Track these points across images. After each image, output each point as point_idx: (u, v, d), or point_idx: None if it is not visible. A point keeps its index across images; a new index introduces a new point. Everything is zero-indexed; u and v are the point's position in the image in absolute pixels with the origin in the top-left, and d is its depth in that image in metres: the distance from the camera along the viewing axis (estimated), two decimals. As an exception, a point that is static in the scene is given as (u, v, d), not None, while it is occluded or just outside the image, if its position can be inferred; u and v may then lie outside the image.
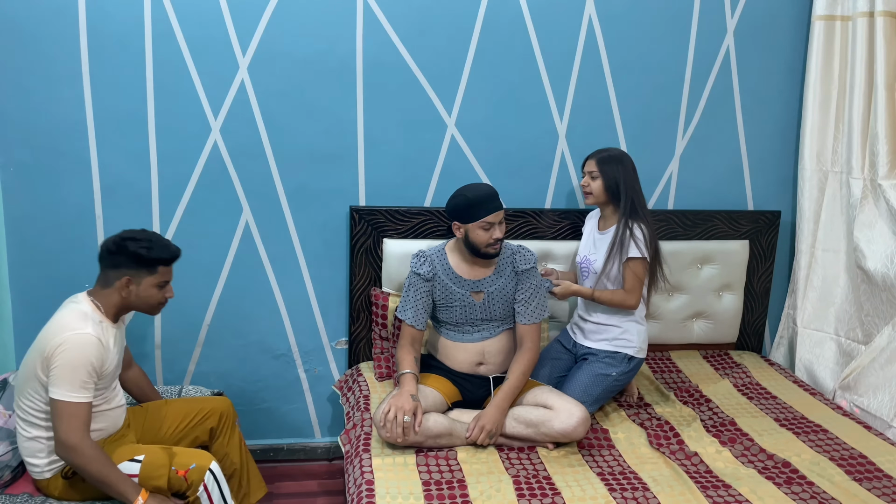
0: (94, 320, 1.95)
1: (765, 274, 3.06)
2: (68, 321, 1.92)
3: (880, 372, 2.63)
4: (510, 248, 2.42)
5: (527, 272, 2.38)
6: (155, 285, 2.04)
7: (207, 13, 2.53)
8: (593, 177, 2.49)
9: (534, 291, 2.38)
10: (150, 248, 2.00)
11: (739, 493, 2.00)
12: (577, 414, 2.18)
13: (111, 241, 2.01)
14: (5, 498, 1.98)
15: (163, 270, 2.05)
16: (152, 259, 2.00)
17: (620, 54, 2.81)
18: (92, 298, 2.01)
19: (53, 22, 2.45)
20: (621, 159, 2.48)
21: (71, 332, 1.89)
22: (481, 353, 2.41)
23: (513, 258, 2.40)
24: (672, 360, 2.96)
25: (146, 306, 2.07)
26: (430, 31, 2.67)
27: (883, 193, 2.70)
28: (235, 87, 2.60)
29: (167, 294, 2.08)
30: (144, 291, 2.02)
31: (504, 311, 2.41)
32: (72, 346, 1.87)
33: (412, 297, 2.39)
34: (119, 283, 1.99)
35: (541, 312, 2.39)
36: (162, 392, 2.63)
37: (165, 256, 2.03)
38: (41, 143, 2.53)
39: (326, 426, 2.98)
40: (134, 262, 1.99)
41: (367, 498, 1.93)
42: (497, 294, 2.38)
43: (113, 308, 2.02)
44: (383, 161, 2.75)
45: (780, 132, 3.01)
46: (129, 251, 1.98)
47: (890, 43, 2.68)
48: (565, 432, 2.18)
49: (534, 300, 2.38)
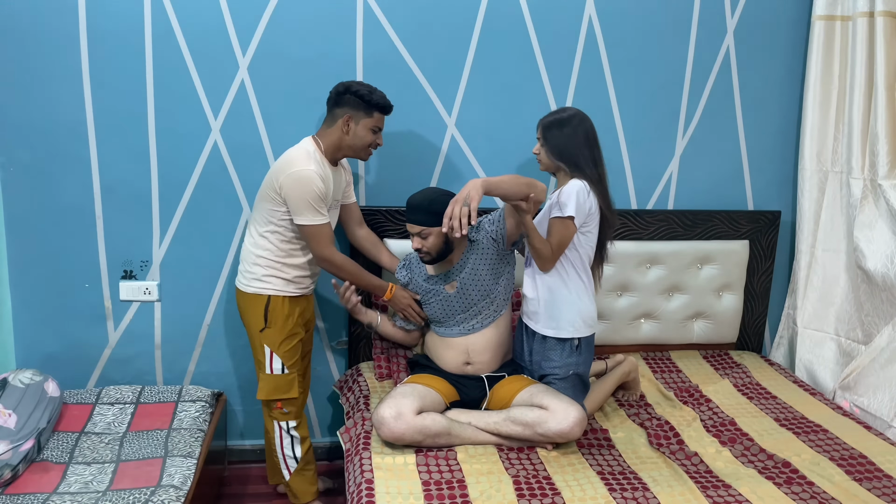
0: (315, 158, 2.27)
1: (765, 274, 3.06)
2: (295, 157, 2.27)
3: (880, 372, 2.63)
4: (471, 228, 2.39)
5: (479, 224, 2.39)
6: (369, 128, 2.33)
7: (207, 13, 2.53)
8: (542, 144, 2.33)
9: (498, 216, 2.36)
10: (371, 92, 2.31)
11: (739, 493, 2.00)
12: (573, 414, 2.17)
13: (340, 84, 2.33)
14: (6, 498, 1.98)
15: (378, 117, 2.34)
16: (373, 103, 2.30)
17: (620, 54, 2.81)
18: (315, 137, 2.35)
19: (53, 22, 2.45)
20: (566, 122, 2.28)
21: (296, 168, 2.23)
22: (466, 352, 2.41)
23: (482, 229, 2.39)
24: (672, 360, 2.96)
25: (359, 146, 2.34)
26: (430, 31, 2.67)
27: (883, 193, 2.70)
28: (235, 87, 2.60)
29: (378, 140, 2.37)
30: (360, 131, 2.32)
31: (481, 294, 2.38)
32: (299, 182, 2.22)
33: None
34: (341, 121, 2.30)
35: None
36: (162, 392, 2.64)
37: (382, 104, 2.33)
38: (41, 143, 2.53)
39: (326, 426, 2.98)
40: (356, 102, 2.29)
41: (367, 497, 1.93)
42: (469, 277, 2.37)
43: (332, 147, 2.33)
44: (383, 161, 2.75)
45: (780, 132, 3.01)
46: (353, 91, 2.29)
47: (890, 43, 2.68)
48: (562, 433, 2.16)
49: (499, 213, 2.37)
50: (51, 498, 1.99)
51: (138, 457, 2.22)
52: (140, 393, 2.63)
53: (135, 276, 2.70)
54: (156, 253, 2.69)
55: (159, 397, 2.61)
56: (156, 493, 2.01)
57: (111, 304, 2.70)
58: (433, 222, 2.27)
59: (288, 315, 2.37)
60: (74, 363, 2.72)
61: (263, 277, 2.35)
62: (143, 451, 2.26)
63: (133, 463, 2.19)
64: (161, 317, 2.74)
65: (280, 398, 2.37)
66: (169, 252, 2.69)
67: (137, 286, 2.69)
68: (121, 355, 2.75)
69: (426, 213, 2.27)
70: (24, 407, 2.22)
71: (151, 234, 2.67)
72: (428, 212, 2.27)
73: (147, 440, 2.31)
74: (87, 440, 2.32)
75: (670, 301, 2.97)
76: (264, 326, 2.35)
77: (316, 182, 2.22)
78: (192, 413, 2.50)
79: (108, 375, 2.76)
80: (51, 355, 2.68)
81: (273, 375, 2.36)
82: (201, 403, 2.57)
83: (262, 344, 2.36)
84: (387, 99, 2.35)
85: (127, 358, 2.76)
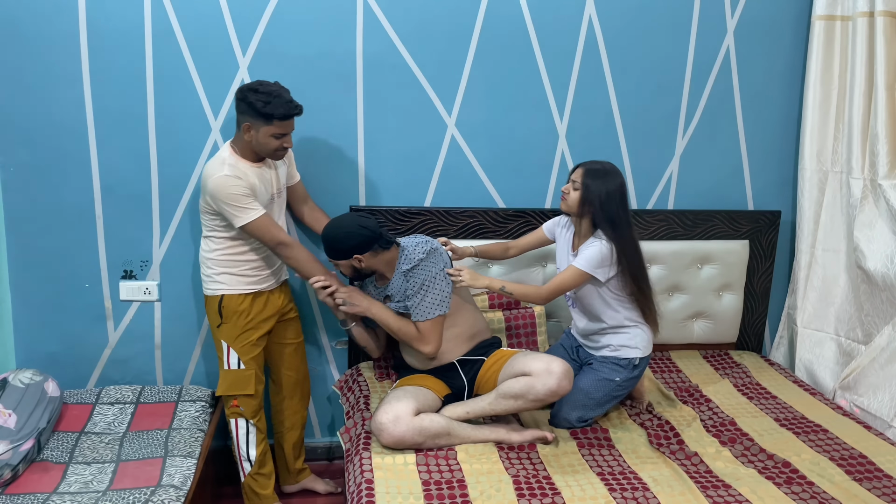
0: (230, 163, 2.26)
1: (765, 274, 3.06)
2: (209, 169, 2.28)
3: (880, 372, 2.63)
4: (404, 253, 2.39)
5: (411, 270, 2.36)
6: (270, 135, 2.26)
7: (207, 13, 2.53)
8: (575, 187, 2.36)
9: (420, 288, 2.34)
10: (266, 102, 2.21)
11: (739, 493, 2.00)
12: (556, 370, 2.16)
13: (239, 88, 2.25)
14: (6, 498, 1.98)
15: (279, 124, 2.25)
16: (268, 113, 2.21)
17: (620, 54, 2.81)
18: (230, 142, 2.33)
19: (53, 22, 2.45)
20: (609, 176, 2.32)
21: (212, 178, 2.24)
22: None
23: (403, 262, 2.38)
24: (672, 360, 2.96)
25: (265, 151, 2.30)
26: (430, 31, 2.67)
27: (883, 193, 2.70)
28: (235, 88, 2.60)
29: (285, 143, 2.30)
30: (262, 138, 2.26)
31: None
32: (218, 190, 2.23)
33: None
34: (243, 127, 2.25)
35: (430, 310, 2.34)
36: (162, 392, 2.64)
37: (279, 113, 2.22)
38: (41, 143, 2.53)
39: (326, 426, 2.98)
40: (252, 111, 2.22)
41: (367, 497, 1.93)
42: (398, 297, 2.40)
43: (245, 151, 2.30)
44: (383, 161, 2.75)
45: (780, 132, 3.01)
46: (248, 101, 2.22)
47: (890, 43, 2.68)
48: (552, 392, 2.15)
49: (421, 295, 2.34)
50: (51, 498, 1.99)
51: (138, 457, 2.22)
52: (140, 393, 2.63)
53: (135, 276, 2.70)
54: (156, 253, 2.69)
55: (159, 397, 2.61)
56: (156, 493, 2.01)
57: (111, 304, 2.70)
58: (339, 257, 2.36)
59: (243, 311, 2.39)
60: (74, 363, 2.71)
61: (216, 277, 2.40)
62: (143, 451, 2.26)
63: (133, 463, 2.19)
64: (161, 317, 2.74)
65: (237, 394, 2.40)
66: (169, 252, 2.69)
67: (137, 286, 2.69)
68: (121, 355, 2.75)
69: (331, 248, 2.37)
70: (24, 407, 2.22)
71: (151, 234, 2.67)
72: (332, 248, 2.36)
73: (147, 440, 2.31)
74: (87, 440, 2.32)
75: (670, 301, 2.97)
76: (220, 322, 2.40)
77: (232, 184, 2.23)
78: (192, 413, 2.50)
79: (108, 375, 2.76)
80: (51, 355, 2.68)
81: (230, 371, 2.40)
82: (201, 403, 2.57)
83: (219, 339, 2.42)
84: (287, 105, 2.24)
85: (127, 358, 2.76)
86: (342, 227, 2.36)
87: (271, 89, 2.24)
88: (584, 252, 2.33)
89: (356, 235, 2.32)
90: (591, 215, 2.35)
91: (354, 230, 2.33)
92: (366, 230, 2.33)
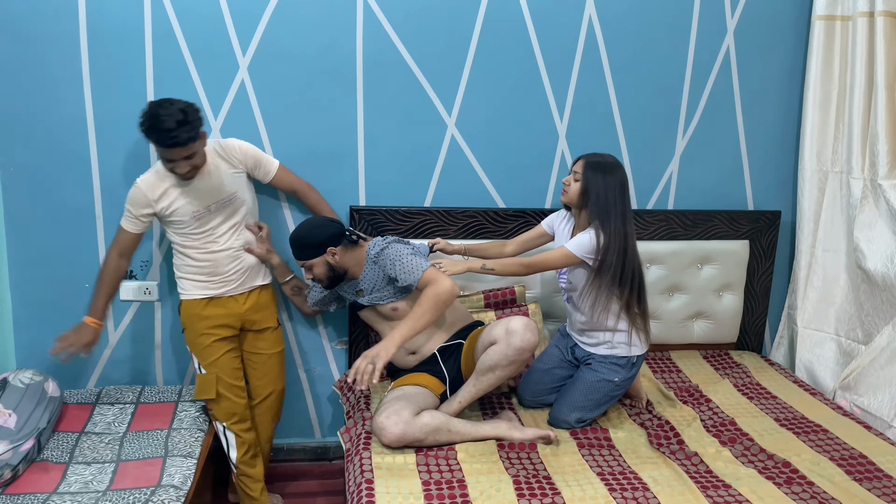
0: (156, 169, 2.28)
1: (765, 274, 3.06)
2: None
3: (880, 372, 2.63)
4: (373, 243, 2.43)
5: (380, 254, 2.38)
6: (162, 158, 2.20)
7: (207, 13, 2.53)
8: (576, 178, 2.37)
9: (395, 260, 2.33)
10: (142, 124, 2.12)
11: (739, 493, 2.00)
12: (516, 327, 2.18)
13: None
14: (6, 498, 1.98)
15: (159, 149, 2.15)
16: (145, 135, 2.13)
17: (620, 54, 2.81)
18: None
19: (53, 22, 2.45)
20: (610, 170, 2.32)
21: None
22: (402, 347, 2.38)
23: (370, 252, 2.41)
24: (672, 360, 2.96)
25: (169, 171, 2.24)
26: (430, 31, 2.67)
27: (883, 193, 2.70)
28: (235, 87, 2.60)
29: (176, 170, 2.20)
30: (161, 159, 2.22)
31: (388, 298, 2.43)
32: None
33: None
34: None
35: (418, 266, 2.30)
36: (162, 392, 2.64)
37: (151, 139, 2.14)
38: (41, 143, 2.53)
39: (326, 426, 2.99)
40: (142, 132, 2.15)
41: (367, 497, 1.93)
42: (370, 289, 2.43)
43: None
44: (383, 161, 2.75)
45: (780, 132, 3.01)
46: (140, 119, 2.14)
47: (890, 43, 2.68)
48: (520, 349, 2.17)
49: (403, 264, 2.31)
50: (51, 498, 1.99)
51: (138, 457, 2.22)
52: (140, 393, 2.63)
53: (135, 276, 2.70)
54: (156, 253, 2.69)
55: (159, 397, 2.61)
56: (156, 493, 2.01)
57: (112, 305, 2.69)
58: (311, 255, 2.37)
59: (197, 315, 2.41)
60: (74, 363, 2.71)
61: (178, 283, 2.45)
62: (143, 451, 2.26)
63: (133, 463, 2.19)
64: (161, 317, 2.74)
65: (203, 399, 2.43)
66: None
67: (137, 286, 2.69)
68: (121, 355, 2.75)
69: (301, 248, 2.37)
70: (24, 407, 2.22)
71: (152, 234, 2.67)
72: (302, 247, 2.37)
73: (147, 440, 2.31)
74: (88, 440, 2.32)
75: (670, 301, 2.97)
76: (183, 328, 2.46)
77: (133, 190, 2.29)
78: (192, 413, 2.50)
79: (108, 375, 2.76)
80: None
81: (199, 375, 2.44)
82: (201, 403, 2.57)
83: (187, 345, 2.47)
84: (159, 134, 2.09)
85: (127, 358, 2.76)
86: (311, 223, 2.42)
87: (157, 112, 2.08)
88: (577, 237, 2.35)
89: (327, 226, 2.38)
90: (588, 206, 2.35)
91: (324, 222, 2.40)
92: (335, 223, 2.41)
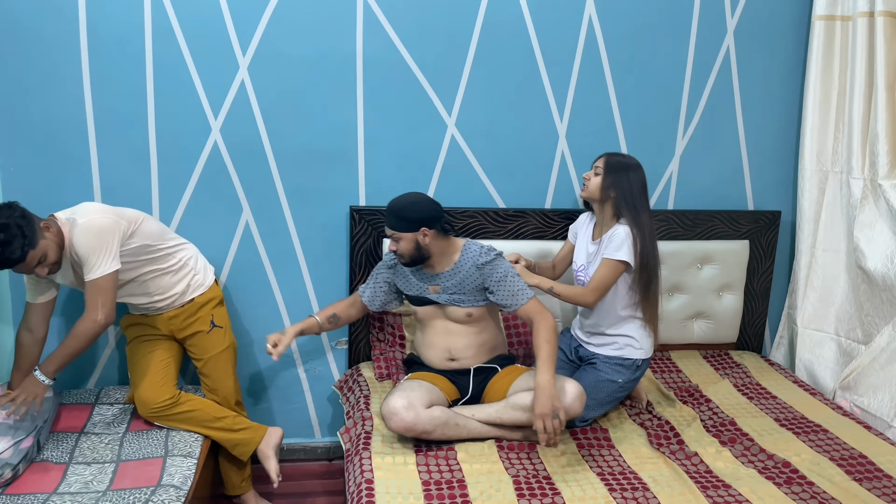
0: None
1: (765, 274, 3.06)
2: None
3: (880, 372, 2.63)
4: (475, 246, 2.38)
5: (489, 263, 2.33)
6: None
7: (207, 13, 2.53)
8: (596, 172, 2.43)
9: (503, 278, 2.31)
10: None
11: (739, 493, 2.00)
12: (570, 390, 2.18)
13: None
14: (6, 498, 1.98)
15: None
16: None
17: (620, 54, 2.81)
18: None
19: (53, 22, 2.45)
20: (630, 168, 2.40)
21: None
22: (448, 349, 2.41)
23: (474, 255, 2.36)
24: (672, 360, 2.96)
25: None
26: (430, 31, 2.67)
27: (883, 193, 2.70)
28: (235, 87, 2.60)
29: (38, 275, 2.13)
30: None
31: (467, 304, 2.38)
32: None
33: (372, 278, 2.53)
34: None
35: (524, 292, 2.31)
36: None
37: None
38: (41, 143, 2.53)
39: (326, 426, 2.99)
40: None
41: (367, 497, 1.93)
42: (454, 288, 2.37)
43: None
44: (383, 161, 2.75)
45: (780, 132, 3.01)
46: None
47: (890, 43, 2.68)
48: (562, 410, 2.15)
49: (510, 285, 2.31)
50: (51, 498, 1.99)
51: (138, 457, 2.22)
52: (140, 393, 2.62)
53: (135, 276, 2.70)
54: (156, 253, 2.69)
55: (159, 397, 2.61)
56: (156, 493, 2.01)
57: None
58: (403, 228, 2.27)
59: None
60: (74, 363, 2.70)
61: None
62: (143, 450, 2.25)
63: (133, 463, 2.19)
64: (161, 317, 2.74)
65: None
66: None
67: (137, 286, 2.69)
68: (121, 355, 2.75)
69: (397, 218, 2.28)
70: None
71: (151, 234, 2.67)
72: (399, 217, 2.28)
73: (147, 440, 2.31)
74: (87, 440, 2.32)
75: (670, 301, 2.97)
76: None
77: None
78: (192, 413, 2.50)
79: (108, 375, 2.76)
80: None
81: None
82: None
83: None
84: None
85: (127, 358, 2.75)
86: (414, 197, 2.33)
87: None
88: (609, 243, 2.36)
89: (429, 206, 2.30)
90: (614, 200, 2.39)
91: (428, 201, 2.32)
92: (437, 205, 2.32)
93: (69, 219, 2.17)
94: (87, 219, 2.15)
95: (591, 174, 2.45)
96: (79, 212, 2.20)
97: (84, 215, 2.17)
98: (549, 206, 2.90)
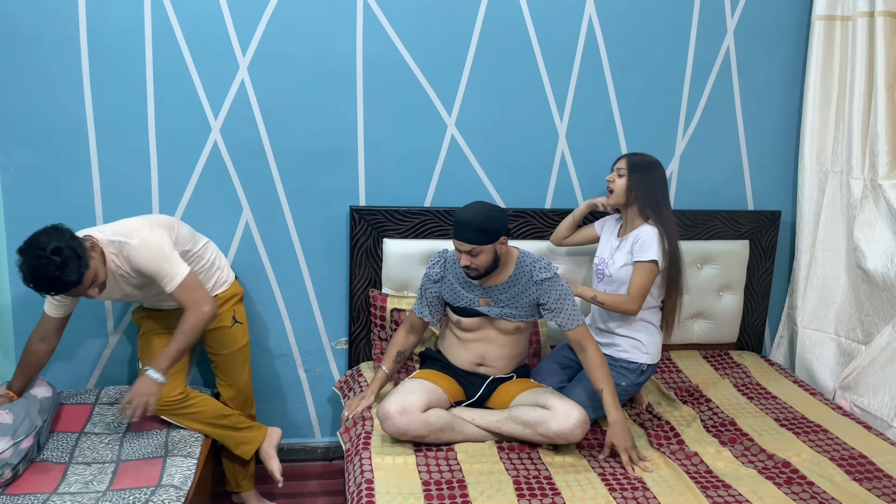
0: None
1: (765, 274, 3.06)
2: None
3: (880, 372, 2.63)
4: (529, 258, 2.32)
5: (548, 281, 2.27)
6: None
7: (207, 13, 2.53)
8: (620, 174, 2.43)
9: (561, 297, 2.27)
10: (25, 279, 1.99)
11: (739, 493, 2.00)
12: (575, 415, 2.16)
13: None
14: (6, 498, 1.98)
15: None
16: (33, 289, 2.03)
17: (620, 54, 2.81)
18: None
19: (53, 22, 2.45)
20: (652, 167, 2.41)
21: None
22: (482, 356, 2.40)
23: (531, 269, 2.29)
24: (672, 360, 2.96)
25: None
26: (430, 31, 2.67)
27: (883, 193, 2.70)
28: (235, 87, 2.60)
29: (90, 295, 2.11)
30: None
31: (510, 316, 2.34)
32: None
33: (422, 295, 2.44)
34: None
35: (579, 315, 2.28)
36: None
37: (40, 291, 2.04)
38: (41, 143, 2.53)
39: (326, 426, 2.98)
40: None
41: (367, 497, 1.93)
42: (507, 302, 2.31)
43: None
44: (383, 161, 2.75)
45: (780, 132, 3.02)
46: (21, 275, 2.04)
47: (890, 43, 2.68)
48: (562, 433, 2.16)
49: (569, 306, 2.27)
50: (51, 498, 1.99)
51: (138, 457, 2.22)
52: (140, 393, 2.62)
53: (135, 276, 2.70)
54: (156, 253, 2.69)
55: (159, 397, 2.61)
56: (156, 493, 2.01)
57: (111, 304, 2.69)
58: (484, 240, 2.16)
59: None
60: (74, 363, 2.72)
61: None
62: (143, 451, 2.25)
63: (133, 463, 2.19)
64: (161, 317, 2.74)
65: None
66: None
67: (137, 286, 2.69)
68: (121, 355, 2.75)
69: (478, 231, 2.15)
70: (18, 407, 2.22)
71: (151, 234, 2.67)
72: (479, 230, 2.15)
73: (147, 440, 2.31)
74: (87, 440, 2.32)
75: (670, 301, 2.97)
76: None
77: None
78: (192, 413, 2.50)
79: (108, 375, 2.76)
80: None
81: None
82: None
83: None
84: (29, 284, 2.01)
85: (127, 358, 2.75)
86: (488, 206, 2.21)
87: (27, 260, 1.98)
88: (638, 246, 2.36)
89: (502, 214, 2.21)
90: (639, 200, 2.40)
91: (498, 209, 2.22)
92: (504, 211, 2.24)
93: (112, 241, 2.16)
94: (139, 238, 2.16)
95: (615, 176, 2.44)
96: (122, 231, 2.18)
97: (132, 235, 2.16)
98: (549, 206, 2.90)
